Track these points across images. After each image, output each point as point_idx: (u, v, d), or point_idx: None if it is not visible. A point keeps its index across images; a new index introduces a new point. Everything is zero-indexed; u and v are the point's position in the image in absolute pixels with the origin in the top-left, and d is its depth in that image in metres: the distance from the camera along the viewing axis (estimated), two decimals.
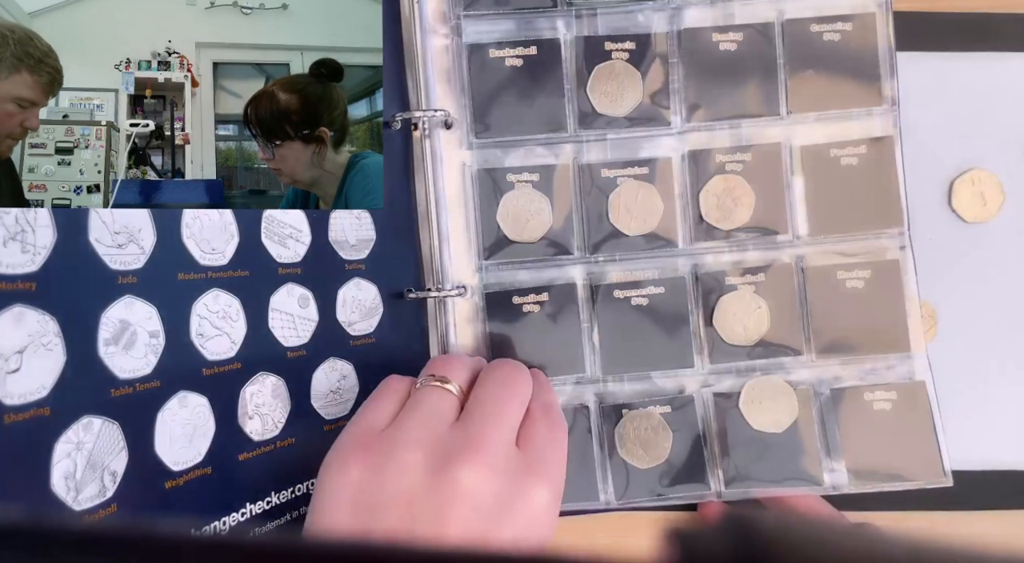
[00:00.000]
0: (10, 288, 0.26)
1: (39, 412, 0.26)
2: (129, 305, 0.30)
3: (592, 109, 0.42)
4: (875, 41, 0.42)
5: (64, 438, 0.27)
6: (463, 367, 0.36)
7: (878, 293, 0.42)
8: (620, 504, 0.42)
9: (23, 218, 0.26)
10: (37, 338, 0.26)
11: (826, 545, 0.12)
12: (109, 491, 0.29)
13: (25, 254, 0.26)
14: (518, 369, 0.37)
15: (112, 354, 0.29)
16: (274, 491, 0.37)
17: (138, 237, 0.31)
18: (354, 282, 0.41)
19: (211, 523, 0.33)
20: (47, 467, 0.27)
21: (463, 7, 0.41)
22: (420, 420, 0.32)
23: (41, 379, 0.27)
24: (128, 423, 0.30)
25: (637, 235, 0.42)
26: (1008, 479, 0.44)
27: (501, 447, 0.32)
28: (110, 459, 0.29)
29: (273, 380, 0.37)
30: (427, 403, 0.33)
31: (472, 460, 0.30)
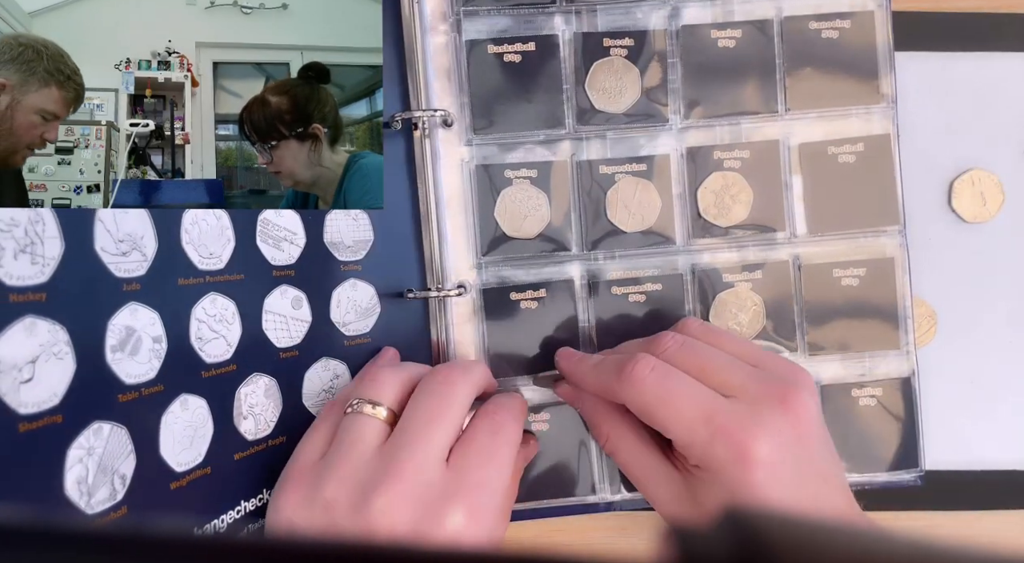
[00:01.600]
0: (22, 299, 0.26)
1: (52, 420, 0.27)
2: (134, 312, 0.31)
3: (590, 106, 0.42)
4: (874, 39, 0.42)
5: (76, 444, 0.28)
6: (395, 382, 0.36)
7: (872, 291, 0.42)
8: (617, 500, 0.42)
9: (32, 230, 0.27)
10: (48, 347, 0.27)
11: (826, 545, 0.12)
12: (119, 494, 0.29)
13: (35, 266, 0.27)
14: (460, 373, 0.36)
15: (119, 360, 0.30)
16: (266, 488, 0.37)
17: (141, 244, 0.32)
18: (349, 283, 0.41)
19: (211, 521, 0.34)
20: (61, 473, 0.27)
21: (463, 3, 0.42)
22: (343, 454, 0.33)
23: (53, 387, 0.27)
24: (135, 427, 0.30)
25: (635, 232, 0.42)
26: (1008, 479, 0.44)
27: (420, 473, 0.32)
28: (119, 463, 0.29)
29: (266, 381, 0.37)
30: (352, 433, 0.34)
31: (388, 491, 0.31)
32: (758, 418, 0.33)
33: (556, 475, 0.42)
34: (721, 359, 0.35)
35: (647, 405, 0.34)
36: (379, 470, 0.32)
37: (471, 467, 0.33)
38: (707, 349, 0.36)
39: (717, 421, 0.33)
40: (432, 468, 0.32)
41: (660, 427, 0.34)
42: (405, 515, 0.31)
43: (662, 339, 0.36)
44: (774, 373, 0.35)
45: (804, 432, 0.33)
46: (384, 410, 0.34)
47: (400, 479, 0.31)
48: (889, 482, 0.42)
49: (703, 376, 0.34)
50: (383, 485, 0.31)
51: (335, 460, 0.33)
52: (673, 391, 0.34)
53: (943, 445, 0.44)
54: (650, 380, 0.34)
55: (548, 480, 0.42)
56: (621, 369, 0.35)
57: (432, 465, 0.32)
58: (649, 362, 0.34)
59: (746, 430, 0.32)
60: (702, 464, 0.33)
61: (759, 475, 0.32)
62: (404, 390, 0.36)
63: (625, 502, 0.42)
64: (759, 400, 0.33)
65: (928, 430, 0.43)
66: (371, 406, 0.34)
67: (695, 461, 0.34)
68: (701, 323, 0.39)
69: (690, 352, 0.35)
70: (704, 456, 0.33)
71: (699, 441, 0.33)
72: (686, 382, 0.34)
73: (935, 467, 0.43)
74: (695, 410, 0.33)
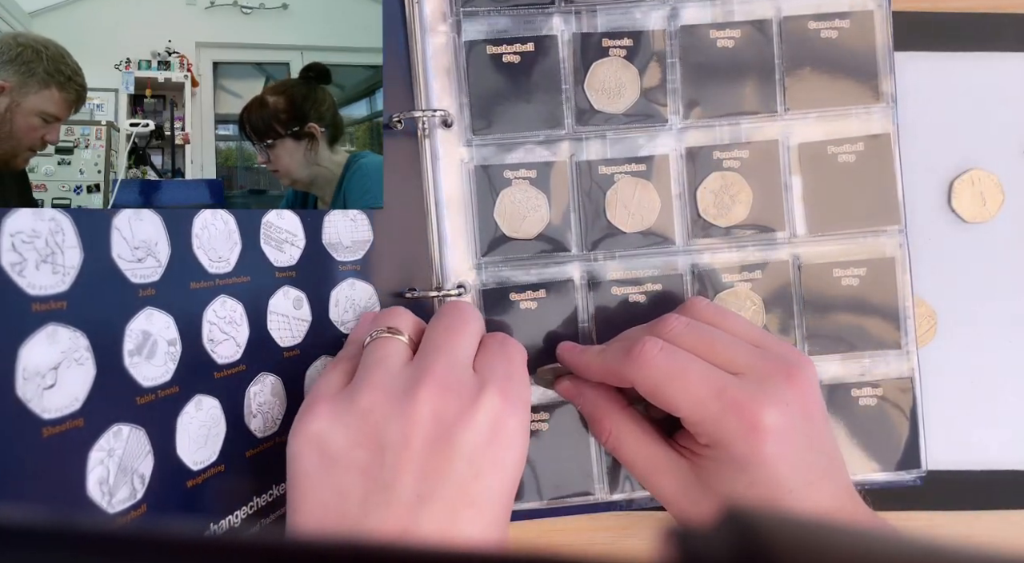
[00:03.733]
0: (44, 308, 0.27)
1: (74, 424, 0.27)
2: (149, 316, 0.31)
3: (590, 106, 0.42)
4: (873, 39, 0.42)
5: (97, 446, 0.28)
6: (409, 315, 0.37)
7: (873, 290, 0.42)
8: (617, 500, 0.42)
9: (52, 241, 0.27)
10: (70, 354, 0.28)
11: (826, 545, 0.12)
12: (139, 493, 0.30)
13: (56, 275, 0.27)
14: (467, 307, 0.37)
15: (136, 364, 0.31)
16: (275, 484, 0.38)
17: (155, 250, 0.32)
18: (348, 282, 0.42)
19: (225, 517, 0.35)
20: (83, 474, 0.28)
21: (462, 4, 0.42)
22: (375, 366, 0.33)
23: (74, 392, 0.28)
24: (152, 428, 0.31)
25: (634, 232, 0.42)
26: (1008, 479, 0.44)
27: (453, 370, 0.33)
28: (138, 463, 0.30)
29: (272, 379, 0.38)
30: (379, 352, 0.34)
31: (427, 386, 0.31)
32: (767, 391, 0.34)
33: (556, 475, 0.42)
34: (726, 339, 0.36)
35: (657, 384, 0.35)
36: (412, 375, 0.32)
37: (495, 366, 0.34)
38: (711, 330, 0.37)
39: (727, 395, 0.33)
40: (462, 369, 0.33)
41: (670, 406, 0.35)
42: (447, 402, 0.31)
43: (667, 321, 0.37)
44: (778, 353, 0.36)
45: (810, 409, 0.35)
46: (405, 336, 0.35)
47: (435, 377, 0.32)
48: (889, 482, 0.42)
49: (709, 355, 0.35)
50: (421, 382, 0.32)
51: (365, 375, 0.33)
52: (682, 369, 0.34)
53: (943, 445, 0.44)
54: (659, 359, 0.35)
55: (548, 480, 0.42)
56: (629, 351, 0.35)
57: (462, 366, 0.33)
58: (656, 343, 0.35)
59: (756, 401, 0.33)
60: (712, 440, 0.34)
61: (769, 447, 0.33)
62: (418, 325, 0.37)
63: (625, 502, 0.42)
64: (766, 377, 0.34)
65: (928, 430, 0.43)
66: (392, 333, 0.35)
67: (705, 438, 0.35)
68: (708, 302, 0.40)
69: (695, 333, 0.36)
70: (715, 431, 0.34)
71: (710, 416, 0.34)
72: (694, 360, 0.35)
73: (935, 467, 0.43)
74: (705, 386, 0.34)
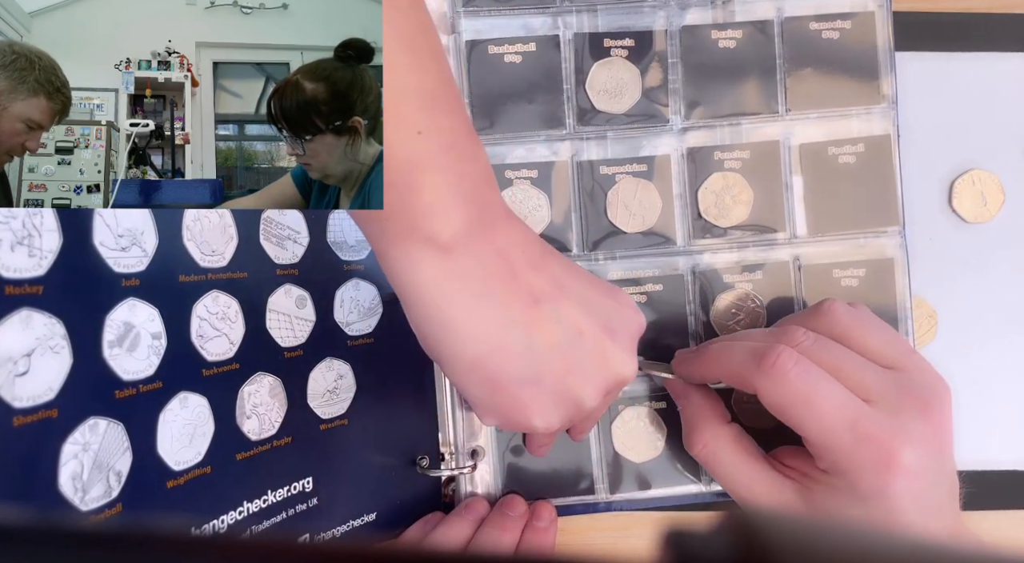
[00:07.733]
0: (18, 292, 0.26)
1: (47, 414, 0.26)
2: (132, 307, 0.30)
3: (591, 106, 0.42)
4: (874, 39, 0.42)
5: (71, 439, 0.27)
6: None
7: (873, 291, 0.42)
8: (617, 500, 0.42)
9: (30, 222, 0.27)
10: (44, 341, 0.27)
11: (826, 545, 0.12)
12: (115, 491, 0.29)
13: (32, 258, 0.26)
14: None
15: (116, 356, 0.30)
16: (270, 489, 0.37)
17: (140, 240, 0.31)
18: (352, 283, 0.41)
19: (210, 522, 0.34)
20: (55, 468, 0.27)
21: (463, 3, 0.42)
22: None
23: (49, 381, 0.27)
24: (132, 424, 0.30)
25: (635, 232, 0.42)
26: (1008, 479, 0.44)
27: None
28: (115, 459, 0.29)
29: (270, 380, 0.37)
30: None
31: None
32: (903, 426, 0.32)
33: (556, 475, 0.42)
34: (857, 361, 0.34)
35: (787, 402, 0.33)
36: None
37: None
38: (841, 350, 0.34)
39: (861, 427, 0.32)
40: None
41: (798, 427, 0.33)
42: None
43: (794, 333, 0.35)
44: (914, 379, 0.34)
45: (943, 443, 0.33)
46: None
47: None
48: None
49: (839, 376, 0.33)
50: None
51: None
52: (816, 393, 0.32)
53: None
54: (793, 375, 0.32)
55: (548, 480, 0.42)
56: (762, 359, 0.33)
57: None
58: (792, 356, 0.33)
59: (894, 437, 0.32)
60: (837, 470, 0.33)
61: (900, 484, 0.31)
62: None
63: (625, 502, 0.42)
64: (900, 408, 0.33)
65: None
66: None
67: (828, 466, 0.33)
68: (846, 308, 0.37)
69: (824, 350, 0.34)
70: (843, 462, 0.32)
71: (842, 447, 0.32)
72: (828, 382, 0.33)
73: None
74: (838, 414, 0.32)
